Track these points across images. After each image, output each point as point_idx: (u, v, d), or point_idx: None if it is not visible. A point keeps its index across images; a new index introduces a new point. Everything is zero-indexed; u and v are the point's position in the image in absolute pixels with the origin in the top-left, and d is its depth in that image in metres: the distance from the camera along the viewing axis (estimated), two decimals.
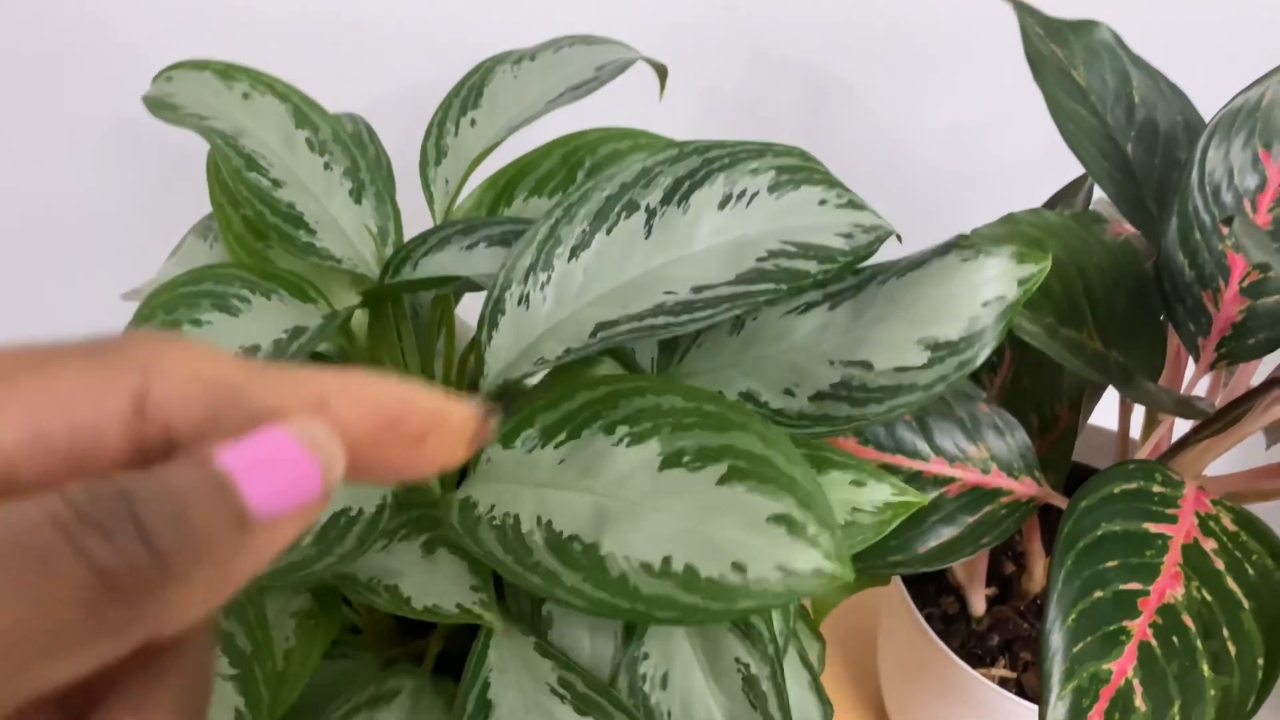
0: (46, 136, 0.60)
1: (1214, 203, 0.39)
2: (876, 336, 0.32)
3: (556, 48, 0.48)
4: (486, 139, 0.44)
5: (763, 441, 0.31)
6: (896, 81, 0.65)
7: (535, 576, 0.33)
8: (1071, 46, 0.47)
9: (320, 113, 0.42)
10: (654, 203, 0.36)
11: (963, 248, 0.31)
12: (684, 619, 0.30)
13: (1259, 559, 0.35)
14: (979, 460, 0.37)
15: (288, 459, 0.14)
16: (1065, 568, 0.33)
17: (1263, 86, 0.40)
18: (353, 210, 0.41)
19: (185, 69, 0.41)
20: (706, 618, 0.30)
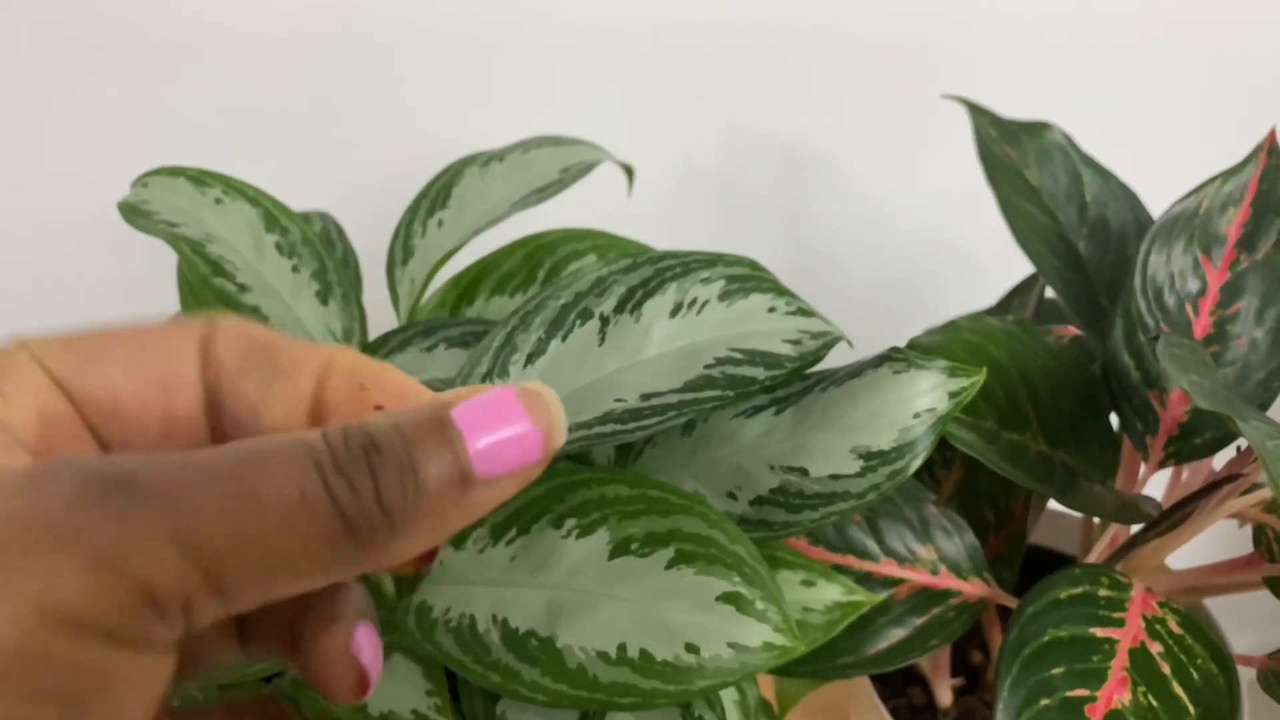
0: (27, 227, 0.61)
1: (1156, 306, 0.40)
2: (814, 444, 0.33)
3: (525, 149, 0.49)
4: (453, 240, 0.45)
5: (707, 523, 0.32)
6: (876, 155, 0.66)
7: (495, 674, 0.33)
8: (1024, 147, 0.48)
9: (290, 216, 0.43)
10: (608, 310, 0.37)
11: (895, 360, 0.32)
12: (644, 704, 0.31)
13: (1203, 663, 0.35)
14: (928, 561, 0.38)
15: (513, 421, 0.16)
16: (1011, 676, 0.34)
17: (1200, 195, 0.41)
18: (319, 312, 0.42)
19: (160, 175, 0.43)
20: (666, 700, 0.31)
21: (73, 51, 0.57)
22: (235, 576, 0.15)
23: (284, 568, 0.15)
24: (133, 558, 0.14)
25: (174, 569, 0.14)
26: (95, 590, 0.14)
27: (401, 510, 0.16)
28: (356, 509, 0.15)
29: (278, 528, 0.15)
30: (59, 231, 0.61)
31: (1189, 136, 0.66)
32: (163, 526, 0.14)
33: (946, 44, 0.63)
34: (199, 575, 0.14)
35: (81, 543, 0.14)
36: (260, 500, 0.15)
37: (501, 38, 0.60)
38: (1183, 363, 0.29)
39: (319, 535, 0.15)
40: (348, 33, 0.59)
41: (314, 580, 0.16)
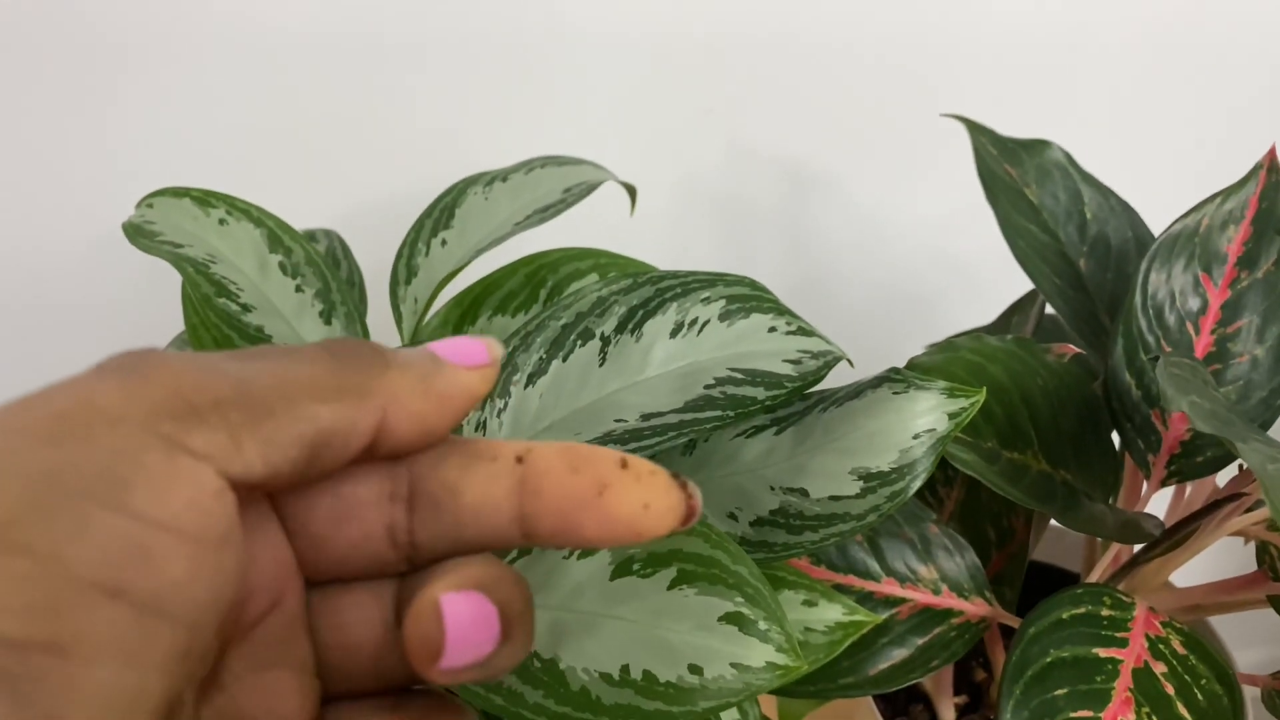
0: (35, 245, 0.62)
1: (1157, 324, 0.40)
2: (814, 465, 0.33)
3: (529, 169, 0.50)
4: (456, 259, 0.45)
5: (708, 543, 0.32)
6: (877, 172, 0.67)
7: (497, 697, 0.33)
8: (1024, 165, 0.48)
9: (294, 236, 0.44)
10: (609, 331, 0.37)
11: (894, 381, 0.32)
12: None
13: (1207, 684, 0.35)
14: (930, 581, 0.38)
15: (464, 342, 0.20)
16: (1014, 698, 0.34)
17: (1201, 213, 0.41)
18: (323, 331, 0.42)
19: (165, 196, 0.43)
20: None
21: (80, 70, 0.57)
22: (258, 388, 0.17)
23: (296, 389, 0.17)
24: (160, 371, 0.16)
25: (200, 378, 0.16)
26: (127, 392, 0.16)
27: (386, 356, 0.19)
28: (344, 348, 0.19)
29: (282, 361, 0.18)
30: (66, 250, 0.62)
31: (1189, 153, 0.66)
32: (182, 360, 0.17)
33: (946, 62, 0.63)
34: (226, 385, 0.16)
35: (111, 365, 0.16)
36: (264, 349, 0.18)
37: (505, 58, 0.60)
38: (1183, 383, 0.29)
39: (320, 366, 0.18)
40: (353, 53, 0.59)
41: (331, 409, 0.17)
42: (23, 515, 0.14)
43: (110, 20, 0.56)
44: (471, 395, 0.19)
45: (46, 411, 0.15)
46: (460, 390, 0.19)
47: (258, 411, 0.16)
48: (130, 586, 0.14)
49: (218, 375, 0.16)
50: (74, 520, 0.14)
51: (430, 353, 0.20)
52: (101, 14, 0.56)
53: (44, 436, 0.14)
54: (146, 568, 0.14)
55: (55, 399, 0.15)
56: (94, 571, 0.14)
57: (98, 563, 0.14)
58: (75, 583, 0.14)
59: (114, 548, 0.14)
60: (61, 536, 0.14)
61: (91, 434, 0.15)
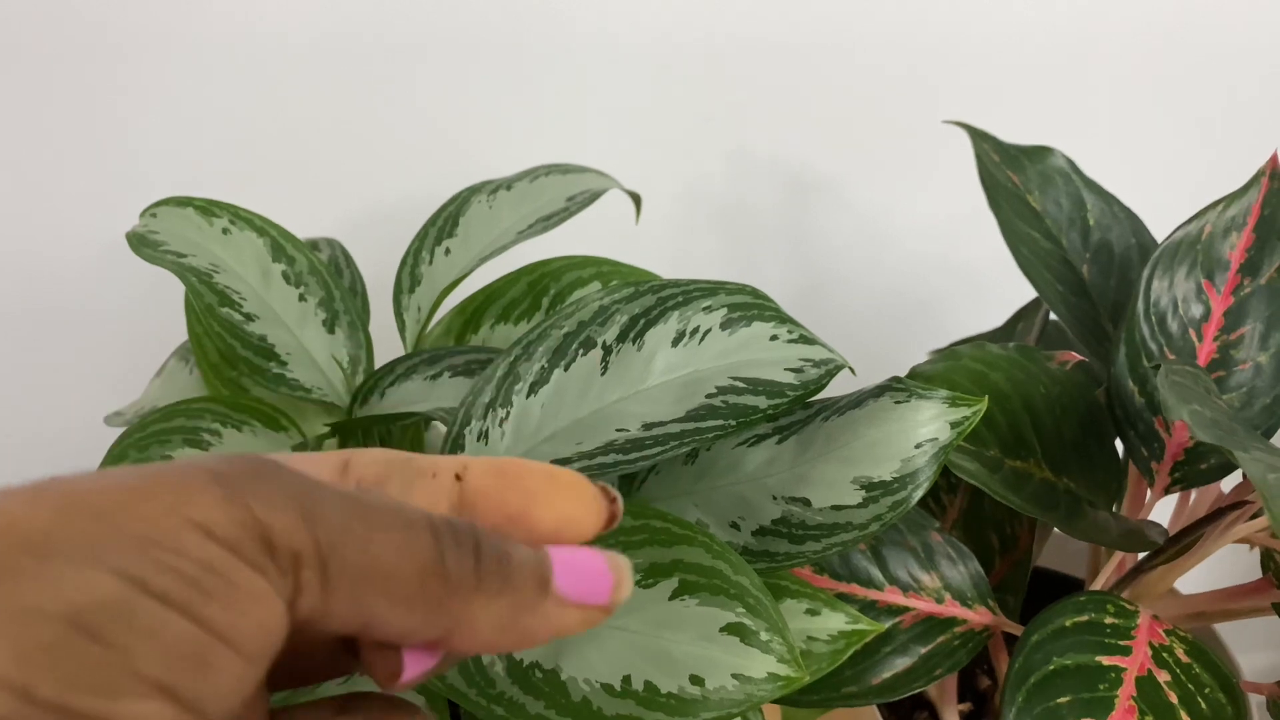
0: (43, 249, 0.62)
1: (1160, 332, 0.40)
2: (815, 474, 0.33)
3: (533, 177, 0.50)
4: (460, 267, 0.45)
5: (709, 553, 0.32)
6: (880, 179, 0.67)
7: (499, 708, 0.33)
8: (1026, 172, 0.48)
9: (297, 245, 0.44)
10: (610, 340, 0.37)
11: (896, 390, 0.32)
12: None
13: (1211, 693, 0.35)
14: (932, 589, 0.38)
15: (593, 568, 0.19)
16: (1017, 705, 0.34)
17: (1203, 220, 0.41)
18: (325, 340, 0.43)
19: (169, 205, 0.43)
20: None
21: (84, 79, 0.58)
22: (337, 560, 0.17)
23: (376, 577, 0.17)
24: (259, 503, 0.16)
25: (291, 523, 0.16)
26: (225, 511, 0.16)
27: (490, 569, 0.18)
28: (451, 548, 0.17)
29: (382, 534, 0.17)
30: (70, 259, 0.62)
31: (1192, 160, 0.66)
32: (290, 493, 0.17)
33: (948, 69, 0.63)
34: (310, 542, 0.17)
35: (222, 477, 0.17)
36: (375, 514, 0.17)
37: (508, 68, 0.61)
38: (1184, 392, 0.29)
39: (414, 559, 0.17)
40: (357, 62, 0.59)
41: (399, 607, 0.17)
42: (106, 610, 0.15)
43: (112, 29, 0.57)
44: (558, 635, 0.19)
45: (141, 512, 0.16)
46: (551, 632, 0.18)
47: (328, 580, 0.17)
48: (180, 688, 0.15)
49: (310, 529, 0.17)
50: (151, 621, 0.15)
51: (544, 575, 0.18)
52: (104, 22, 0.56)
53: (137, 539, 0.16)
54: (201, 674, 0.16)
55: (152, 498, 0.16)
56: (152, 669, 0.15)
57: (158, 661, 0.15)
58: (136, 675, 0.15)
59: (177, 651, 0.15)
60: (136, 635, 0.15)
61: (181, 543, 0.16)
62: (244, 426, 0.39)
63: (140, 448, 0.35)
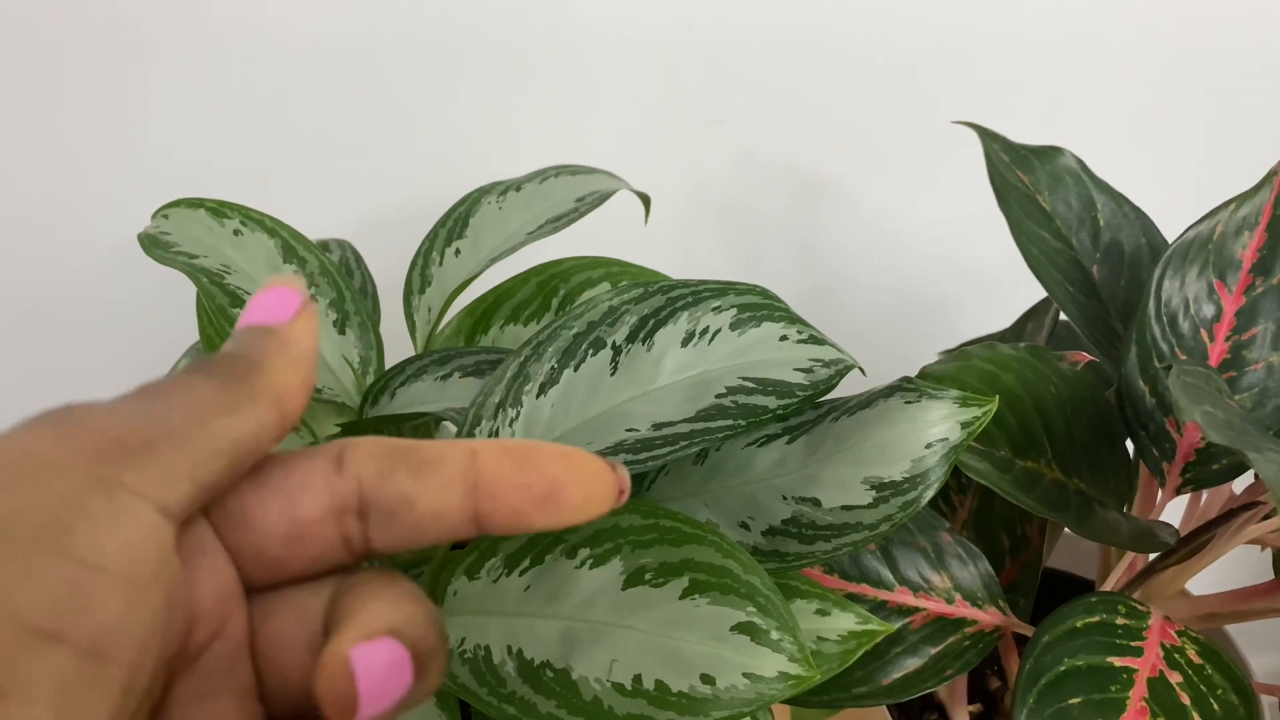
0: (55, 251, 0.62)
1: (1171, 332, 0.40)
2: (826, 474, 0.33)
3: (542, 178, 0.50)
4: (470, 269, 0.45)
5: (720, 552, 0.32)
6: (888, 179, 0.67)
7: (510, 707, 0.33)
8: (1036, 172, 0.48)
9: (307, 246, 0.44)
10: (620, 340, 0.37)
11: (906, 390, 0.32)
12: None
13: (1223, 694, 0.35)
14: (943, 590, 0.38)
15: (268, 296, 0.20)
16: (1027, 707, 0.34)
17: (1214, 219, 0.41)
18: (336, 340, 0.43)
19: (180, 206, 0.43)
20: None
21: (95, 80, 0.58)
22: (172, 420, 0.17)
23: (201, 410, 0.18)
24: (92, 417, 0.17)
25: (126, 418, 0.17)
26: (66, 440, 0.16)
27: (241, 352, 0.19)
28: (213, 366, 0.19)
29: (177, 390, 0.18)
30: (82, 261, 0.62)
31: (1203, 159, 0.66)
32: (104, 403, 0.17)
33: (957, 69, 0.63)
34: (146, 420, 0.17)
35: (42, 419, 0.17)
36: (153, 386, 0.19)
37: (518, 68, 0.61)
38: (1196, 392, 0.29)
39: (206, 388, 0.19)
40: (366, 64, 0.59)
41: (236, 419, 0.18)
42: None
43: (122, 30, 0.57)
44: (313, 337, 0.20)
45: None
46: (308, 341, 0.20)
47: (180, 440, 0.17)
48: (69, 630, 0.15)
49: (139, 416, 0.17)
50: (20, 567, 0.14)
51: (260, 330, 0.20)
52: (114, 24, 0.57)
53: None
54: (84, 611, 0.15)
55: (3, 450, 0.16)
56: (37, 617, 0.14)
57: (41, 608, 0.14)
58: (19, 627, 0.14)
59: (55, 593, 0.15)
60: (9, 583, 0.14)
61: (37, 482, 0.15)
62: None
63: None
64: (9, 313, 0.63)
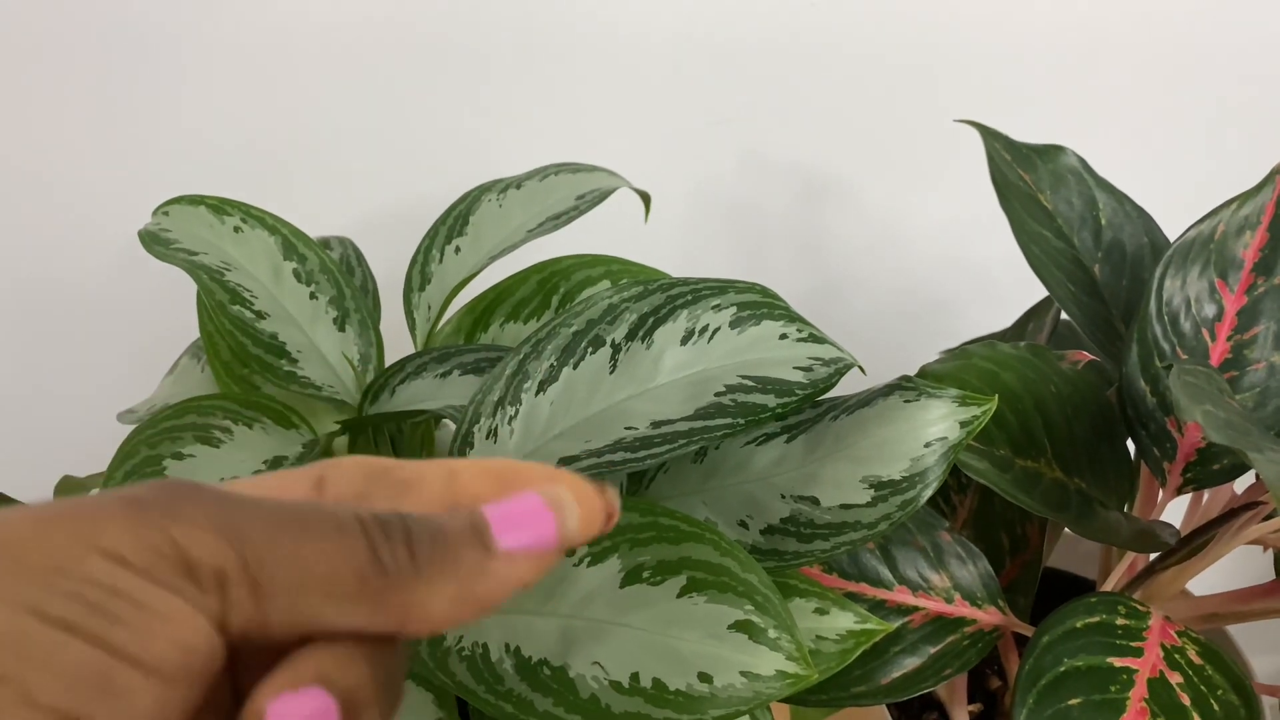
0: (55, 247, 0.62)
1: (1172, 331, 0.40)
2: (824, 473, 0.33)
3: (542, 176, 0.50)
4: (470, 266, 0.45)
5: (718, 550, 0.32)
6: (890, 178, 0.66)
7: (508, 704, 0.33)
8: (1038, 171, 0.48)
9: (308, 243, 0.44)
10: (619, 338, 0.37)
11: (906, 389, 0.32)
12: None
13: (1223, 694, 0.35)
14: (942, 589, 0.38)
15: (532, 511, 0.18)
16: (1027, 707, 0.33)
17: (1216, 219, 0.41)
18: (336, 338, 0.43)
19: (181, 204, 0.43)
20: None
21: (96, 78, 0.58)
22: (267, 574, 0.16)
23: (313, 584, 0.17)
24: (176, 525, 0.16)
25: (210, 542, 0.16)
26: (137, 536, 0.16)
27: (425, 552, 0.17)
28: (384, 543, 0.17)
29: (311, 542, 0.17)
30: (83, 258, 0.62)
31: (1204, 159, 0.65)
32: (207, 511, 0.16)
33: (959, 68, 0.63)
34: (234, 558, 0.16)
35: (133, 502, 0.16)
36: (300, 521, 0.17)
37: (520, 66, 0.61)
38: (1197, 392, 0.29)
39: (348, 561, 0.17)
40: (367, 62, 0.59)
41: (342, 610, 0.17)
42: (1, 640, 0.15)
43: (126, 30, 0.57)
44: (517, 589, 0.18)
45: (46, 543, 0.16)
46: (510, 590, 0.18)
47: (260, 593, 0.16)
48: (86, 715, 0.15)
49: (233, 547, 0.16)
50: (45, 647, 0.15)
51: (483, 538, 0.18)
52: (118, 24, 0.57)
53: (40, 569, 0.15)
54: (111, 701, 0.15)
55: (58, 525, 0.16)
56: (53, 698, 0.15)
57: (59, 690, 0.15)
58: (33, 705, 0.14)
59: (81, 678, 0.15)
60: (29, 663, 0.15)
61: (85, 568, 0.15)
62: (255, 424, 0.39)
63: (152, 444, 0.36)
64: (10, 307, 0.63)
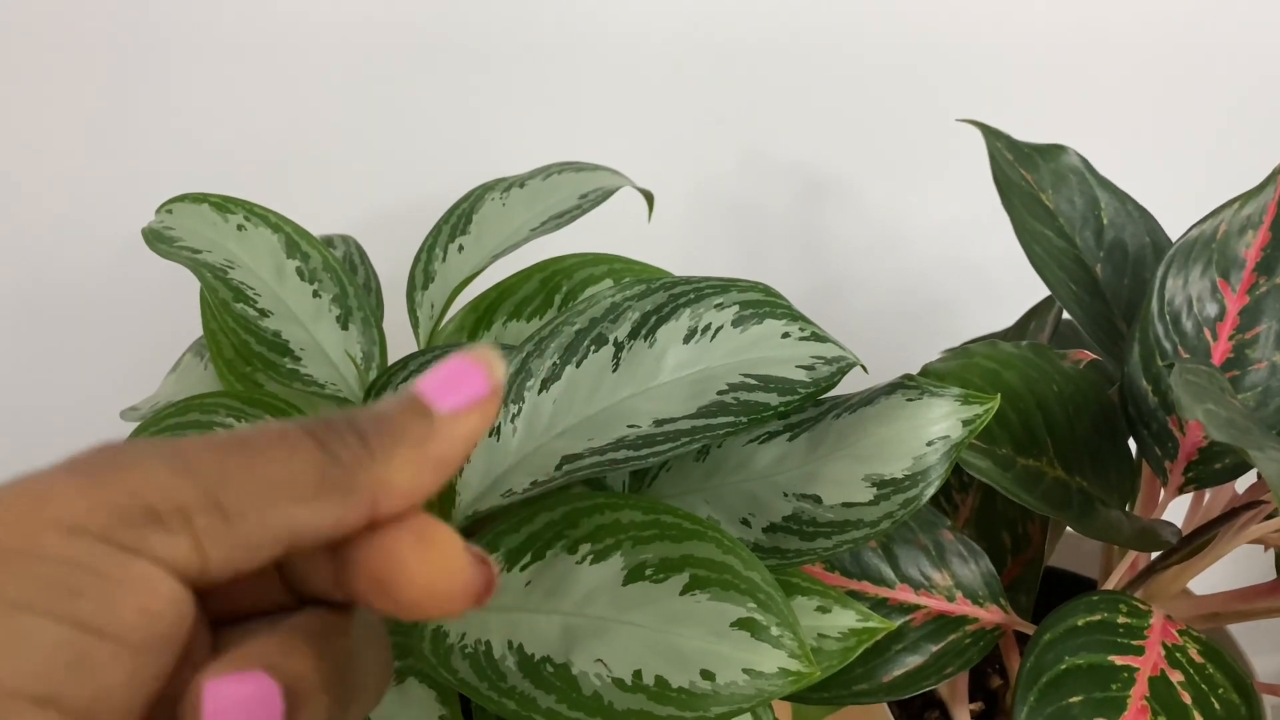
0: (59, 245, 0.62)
1: (1174, 331, 0.40)
2: (826, 472, 0.33)
3: (546, 175, 0.50)
4: (473, 264, 0.46)
5: (720, 548, 0.32)
6: (891, 178, 0.67)
7: (510, 702, 0.33)
8: (1040, 170, 0.48)
9: (311, 241, 0.44)
10: (622, 336, 0.37)
11: (908, 387, 0.32)
12: None
13: (1225, 693, 0.35)
14: (944, 588, 0.38)
15: (460, 370, 0.19)
16: (1028, 705, 0.34)
17: (1218, 218, 0.41)
18: (339, 336, 0.43)
19: (185, 202, 0.43)
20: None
21: (101, 76, 0.58)
22: (229, 492, 0.16)
23: (274, 490, 0.17)
24: (126, 473, 0.16)
25: (165, 482, 0.16)
26: (90, 499, 0.15)
27: (373, 434, 0.18)
28: (333, 437, 0.17)
29: (263, 455, 0.17)
30: (86, 256, 0.63)
31: (1207, 158, 0.65)
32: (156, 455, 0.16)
33: (961, 68, 0.63)
34: (193, 489, 0.16)
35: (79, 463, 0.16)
36: (247, 438, 0.17)
37: (523, 66, 0.61)
38: (1198, 391, 0.29)
39: (304, 461, 0.17)
40: (371, 61, 0.59)
41: (315, 509, 0.17)
42: None
43: (129, 28, 0.57)
44: (473, 441, 0.18)
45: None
46: (461, 444, 0.18)
47: (228, 515, 0.16)
48: (62, 695, 0.14)
49: (187, 478, 0.16)
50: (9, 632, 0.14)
51: (420, 408, 0.18)
52: (122, 21, 0.57)
53: None
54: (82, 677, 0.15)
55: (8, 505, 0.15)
56: (23, 682, 0.14)
57: (29, 674, 0.14)
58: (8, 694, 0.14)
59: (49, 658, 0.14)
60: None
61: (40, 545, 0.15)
62: (257, 421, 0.39)
63: None
64: (13, 305, 0.63)
